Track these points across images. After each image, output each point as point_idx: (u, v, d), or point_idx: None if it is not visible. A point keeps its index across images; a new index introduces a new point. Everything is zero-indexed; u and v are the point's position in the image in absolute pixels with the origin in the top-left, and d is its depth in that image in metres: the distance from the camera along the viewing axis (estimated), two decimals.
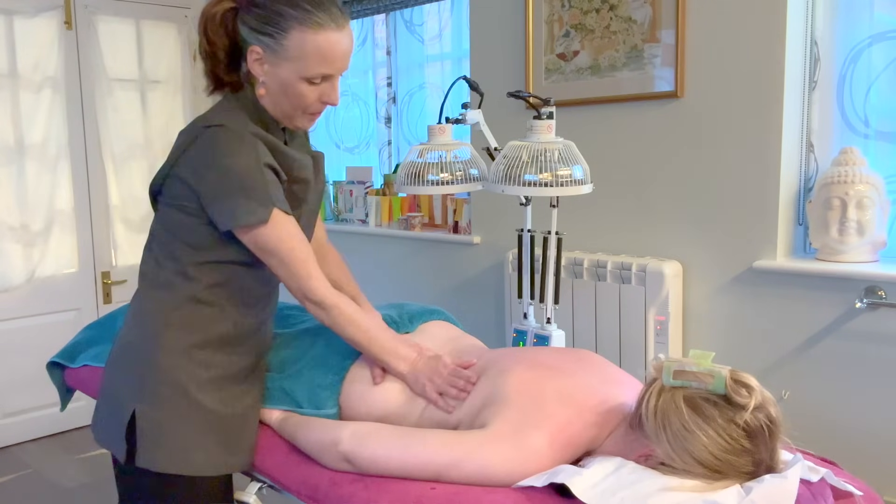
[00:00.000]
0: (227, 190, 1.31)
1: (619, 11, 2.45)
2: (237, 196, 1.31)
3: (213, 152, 1.32)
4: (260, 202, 1.32)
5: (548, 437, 1.23)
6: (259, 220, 1.32)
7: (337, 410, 1.47)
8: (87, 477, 3.15)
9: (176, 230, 1.39)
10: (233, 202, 1.31)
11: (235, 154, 1.31)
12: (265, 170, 1.33)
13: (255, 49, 1.35)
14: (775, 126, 2.17)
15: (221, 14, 1.38)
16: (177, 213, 1.38)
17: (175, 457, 1.37)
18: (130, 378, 1.40)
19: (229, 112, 1.39)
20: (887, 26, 2.10)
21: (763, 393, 1.15)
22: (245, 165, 1.31)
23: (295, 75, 1.34)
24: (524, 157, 1.87)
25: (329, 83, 1.37)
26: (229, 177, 1.31)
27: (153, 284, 1.43)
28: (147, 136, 3.77)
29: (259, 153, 1.33)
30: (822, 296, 2.14)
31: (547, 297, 2.12)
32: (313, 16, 1.30)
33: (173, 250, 1.40)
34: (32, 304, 3.48)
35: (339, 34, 1.33)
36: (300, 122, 1.42)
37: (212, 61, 1.41)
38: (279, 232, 1.34)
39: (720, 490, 1.10)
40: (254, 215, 1.32)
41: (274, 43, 1.32)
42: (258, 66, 1.36)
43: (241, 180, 1.31)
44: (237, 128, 1.34)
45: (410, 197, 3.38)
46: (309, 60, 1.32)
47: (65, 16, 3.46)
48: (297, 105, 1.38)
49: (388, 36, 3.57)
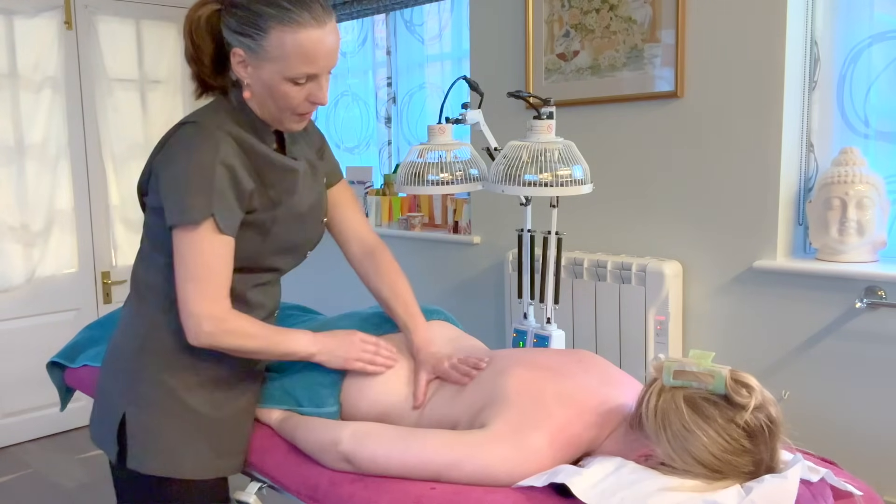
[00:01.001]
0: (174, 185, 1.29)
1: (619, 11, 2.45)
2: (182, 191, 1.28)
3: (177, 148, 1.31)
4: (197, 203, 1.27)
5: (548, 438, 1.23)
6: (188, 220, 1.27)
7: (338, 409, 1.47)
8: (87, 477, 3.15)
9: (156, 236, 1.38)
10: (176, 197, 1.28)
11: (194, 150, 1.29)
12: (221, 171, 1.28)
13: (237, 51, 1.31)
14: (775, 126, 2.17)
15: (206, 17, 1.35)
16: (157, 217, 1.36)
17: (164, 459, 1.37)
18: (120, 380, 1.41)
19: (210, 112, 1.37)
20: (887, 26, 2.10)
21: (763, 393, 1.15)
22: (198, 163, 1.28)
23: (278, 76, 1.30)
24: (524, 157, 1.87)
25: (315, 83, 1.33)
26: (179, 172, 1.28)
27: (143, 288, 1.43)
28: (147, 136, 3.77)
29: (222, 152, 1.29)
30: (822, 296, 2.14)
31: (547, 297, 2.12)
32: (292, 14, 1.26)
33: (157, 257, 1.40)
34: (32, 304, 3.48)
35: (321, 31, 1.28)
36: (289, 123, 1.38)
37: (197, 65, 1.38)
38: (201, 246, 1.28)
39: (720, 490, 1.10)
40: (185, 214, 1.27)
41: (254, 44, 1.28)
42: (241, 68, 1.33)
43: (188, 177, 1.27)
44: (209, 125, 1.32)
45: (410, 197, 3.38)
46: (290, 60, 1.28)
47: (65, 16, 3.46)
48: (283, 106, 1.34)
49: (388, 36, 3.57)
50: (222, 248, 1.31)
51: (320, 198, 1.52)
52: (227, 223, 1.30)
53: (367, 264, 1.60)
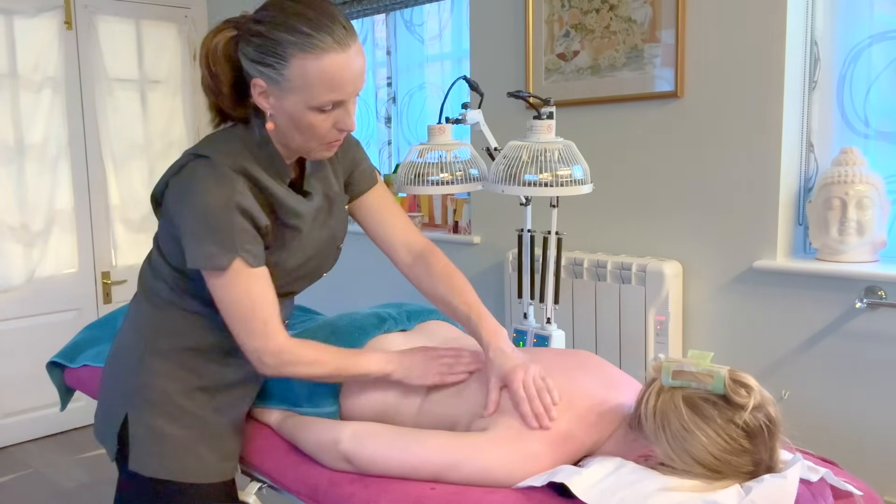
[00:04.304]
0: (194, 229, 1.24)
1: (619, 11, 2.45)
2: (202, 237, 1.24)
3: (190, 187, 1.26)
4: (222, 247, 1.24)
5: (548, 440, 1.23)
6: (215, 266, 1.24)
7: (337, 408, 1.47)
8: (87, 477, 3.15)
9: (164, 244, 1.37)
10: (196, 242, 1.24)
11: (208, 192, 1.23)
12: (235, 213, 1.24)
13: (258, 82, 1.24)
14: (775, 126, 2.17)
15: (224, 44, 1.27)
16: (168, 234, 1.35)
17: (167, 462, 1.36)
18: (123, 381, 1.41)
19: (224, 144, 1.31)
20: (887, 26, 2.10)
21: (762, 393, 1.15)
22: (215, 206, 1.23)
23: (302, 106, 1.22)
24: (524, 157, 1.87)
25: (342, 109, 1.25)
26: (198, 216, 1.24)
27: (149, 291, 1.43)
28: (147, 136, 3.77)
29: (237, 195, 1.25)
30: (822, 296, 2.14)
31: (547, 297, 2.12)
32: (313, 39, 1.18)
33: (163, 263, 1.39)
34: (32, 304, 3.48)
35: (346, 55, 1.20)
36: (318, 153, 1.32)
37: (216, 96, 1.31)
38: (237, 286, 1.26)
39: (720, 490, 1.10)
40: (211, 260, 1.24)
41: (275, 74, 1.21)
42: (263, 99, 1.25)
43: (207, 221, 1.23)
44: (221, 162, 1.27)
45: (410, 197, 3.37)
46: (315, 89, 1.20)
47: (65, 16, 3.46)
48: (310, 137, 1.27)
49: (388, 36, 3.56)
50: (257, 281, 1.28)
51: (335, 231, 1.47)
52: (254, 257, 1.27)
53: (417, 269, 1.50)
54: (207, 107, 1.35)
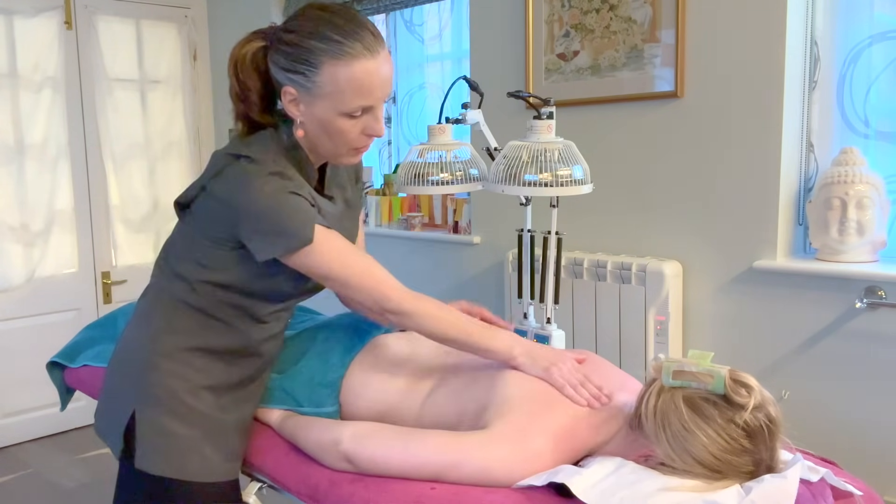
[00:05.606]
0: (263, 222, 1.26)
1: (619, 11, 2.45)
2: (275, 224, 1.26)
3: (245, 184, 1.27)
4: (301, 224, 1.26)
5: (549, 441, 1.23)
6: (303, 241, 1.26)
7: (337, 408, 1.47)
8: (87, 477, 3.15)
9: (193, 247, 1.37)
10: (270, 233, 1.26)
11: (266, 185, 1.26)
12: (295, 196, 1.28)
13: (289, 90, 1.27)
14: (775, 126, 2.17)
15: (252, 54, 1.30)
16: (199, 232, 1.35)
17: (172, 461, 1.36)
18: (131, 378, 1.40)
19: (261, 148, 1.33)
20: (887, 26, 2.10)
21: (762, 392, 1.16)
22: (277, 195, 1.26)
23: (332, 112, 1.26)
24: (524, 157, 1.87)
25: (371, 114, 1.29)
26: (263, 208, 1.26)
27: (163, 288, 1.42)
28: (147, 136, 3.77)
29: (289, 184, 1.28)
30: (822, 296, 2.14)
31: (547, 297, 2.12)
32: (343, 46, 1.22)
33: (186, 265, 1.38)
34: (32, 304, 3.48)
35: (375, 62, 1.24)
36: (345, 159, 1.36)
37: (245, 104, 1.34)
38: (327, 252, 1.29)
39: (720, 490, 1.10)
40: (296, 239, 1.26)
41: (306, 81, 1.25)
42: (293, 107, 1.29)
43: (274, 209, 1.25)
44: (265, 161, 1.29)
45: (410, 197, 3.37)
46: (345, 95, 1.24)
47: (65, 16, 3.46)
48: (339, 142, 1.31)
49: (388, 36, 3.56)
50: (340, 239, 1.31)
51: (350, 234, 1.50)
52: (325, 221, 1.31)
53: None
54: (234, 117, 1.37)
